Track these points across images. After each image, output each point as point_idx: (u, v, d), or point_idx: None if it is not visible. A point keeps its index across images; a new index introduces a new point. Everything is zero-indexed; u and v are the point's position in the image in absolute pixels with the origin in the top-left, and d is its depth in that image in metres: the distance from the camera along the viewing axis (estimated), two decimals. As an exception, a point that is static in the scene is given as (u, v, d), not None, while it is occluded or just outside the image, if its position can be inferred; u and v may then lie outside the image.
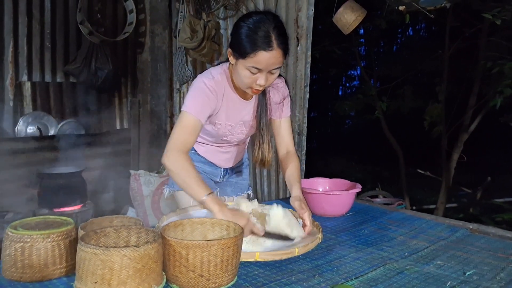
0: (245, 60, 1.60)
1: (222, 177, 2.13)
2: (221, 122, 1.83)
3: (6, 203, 3.56)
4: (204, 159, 2.06)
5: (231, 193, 2.18)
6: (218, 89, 1.74)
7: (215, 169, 2.09)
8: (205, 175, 2.08)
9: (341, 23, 2.46)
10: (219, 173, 2.11)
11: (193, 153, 2.06)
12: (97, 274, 1.07)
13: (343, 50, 6.31)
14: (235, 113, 1.84)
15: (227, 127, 1.86)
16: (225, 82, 1.78)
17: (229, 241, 1.21)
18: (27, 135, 3.89)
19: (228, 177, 2.17)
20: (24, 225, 1.36)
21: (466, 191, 5.82)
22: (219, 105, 1.77)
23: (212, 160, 2.06)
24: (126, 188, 4.07)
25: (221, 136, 1.90)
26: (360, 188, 2.06)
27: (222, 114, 1.81)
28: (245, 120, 1.89)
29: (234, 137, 1.93)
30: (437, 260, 1.48)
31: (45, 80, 4.08)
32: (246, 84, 1.66)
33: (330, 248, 1.59)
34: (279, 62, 1.61)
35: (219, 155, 2.05)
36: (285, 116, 1.96)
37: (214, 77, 1.75)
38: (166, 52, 4.41)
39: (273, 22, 1.59)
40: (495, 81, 4.40)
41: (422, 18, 6.64)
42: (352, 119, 10.89)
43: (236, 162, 2.14)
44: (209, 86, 1.71)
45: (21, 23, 3.88)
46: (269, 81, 1.66)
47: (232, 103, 1.81)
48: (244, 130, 1.92)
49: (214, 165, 2.07)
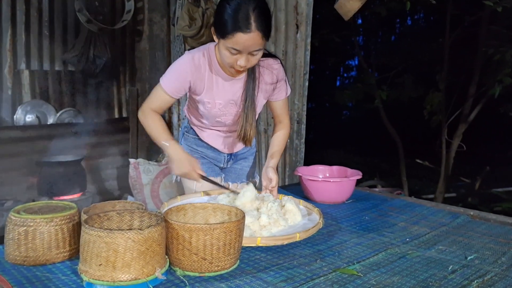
0: (225, 40, 1.61)
1: (226, 162, 2.13)
2: (209, 100, 1.84)
3: (5, 192, 3.57)
4: (206, 144, 2.06)
5: (235, 179, 2.18)
6: (201, 65, 1.76)
7: (218, 154, 2.09)
8: (208, 160, 2.08)
9: (344, 9, 2.44)
10: (222, 158, 2.11)
11: (195, 138, 2.06)
12: (102, 256, 1.08)
13: (342, 39, 6.28)
14: (223, 91, 1.84)
15: (217, 106, 1.86)
16: (211, 59, 1.78)
17: (231, 224, 1.21)
18: (26, 124, 3.88)
19: (232, 163, 2.16)
20: (27, 209, 1.36)
21: (464, 181, 5.83)
22: (203, 81, 1.79)
23: (214, 145, 2.06)
24: (125, 177, 4.06)
25: (214, 116, 1.90)
26: (360, 175, 2.07)
27: (209, 92, 1.81)
28: (236, 98, 1.87)
29: (227, 118, 1.92)
30: (439, 245, 1.49)
31: (43, 69, 4.06)
32: (228, 64, 1.69)
33: (332, 234, 1.59)
34: (258, 44, 1.60)
35: (221, 139, 2.05)
36: (280, 98, 1.98)
37: (198, 53, 1.78)
38: (164, 41, 4.38)
39: (254, 2, 1.57)
40: (495, 70, 4.39)
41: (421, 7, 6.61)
42: (350, 109, 10.88)
43: (240, 147, 2.13)
44: (189, 62, 1.76)
45: (19, 10, 3.85)
46: (251, 62, 1.67)
47: (220, 80, 1.81)
48: (236, 110, 1.90)
49: (216, 150, 2.07)
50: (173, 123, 4.46)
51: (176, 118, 4.41)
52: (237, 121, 1.94)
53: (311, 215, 1.70)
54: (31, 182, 3.72)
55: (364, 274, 1.25)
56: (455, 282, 1.20)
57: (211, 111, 1.87)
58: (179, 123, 4.39)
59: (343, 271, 1.26)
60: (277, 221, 1.53)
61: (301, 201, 1.81)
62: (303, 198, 1.95)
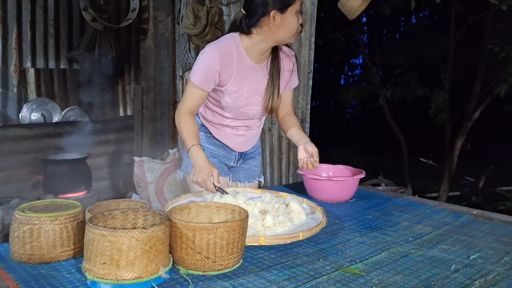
0: (294, 4, 1.75)
1: (236, 161, 2.14)
2: (236, 88, 1.87)
3: (11, 189, 3.59)
4: (219, 142, 2.07)
5: (243, 179, 2.19)
6: (228, 53, 1.82)
7: (229, 153, 2.10)
8: (219, 159, 2.10)
9: (347, 8, 2.44)
10: (233, 157, 2.12)
11: (208, 136, 2.07)
12: (106, 255, 1.09)
13: (347, 37, 6.28)
14: (249, 78, 1.89)
15: (244, 95, 1.89)
16: (236, 47, 1.84)
17: (234, 223, 1.22)
18: (31, 122, 3.90)
19: (241, 162, 2.18)
20: (32, 207, 1.37)
21: (468, 179, 5.82)
22: (231, 69, 1.83)
23: (227, 143, 2.07)
24: (130, 175, 4.08)
25: (239, 107, 1.92)
26: (364, 174, 2.07)
27: (237, 80, 1.85)
28: (260, 87, 1.92)
29: (251, 108, 1.95)
30: (442, 244, 1.49)
31: (49, 67, 4.08)
32: (294, 30, 1.79)
33: (334, 233, 1.60)
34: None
35: (234, 138, 2.07)
36: (293, 86, 2.07)
37: (222, 42, 1.84)
38: (169, 39, 4.39)
39: None
40: (500, 69, 4.38)
41: (425, 5, 6.58)
42: (354, 108, 10.86)
43: (250, 146, 2.15)
44: (215, 52, 1.80)
45: (25, 9, 3.87)
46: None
47: (245, 67, 1.87)
48: (260, 101, 1.95)
49: (228, 148, 2.09)
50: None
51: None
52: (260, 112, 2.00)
53: (314, 214, 1.70)
54: (37, 180, 3.74)
55: (366, 273, 1.25)
56: (457, 282, 1.21)
57: (236, 100, 1.90)
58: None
59: (346, 270, 1.27)
60: (283, 222, 1.53)
61: (305, 200, 1.82)
62: (307, 197, 1.96)
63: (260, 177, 2.27)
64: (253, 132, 2.12)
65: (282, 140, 3.50)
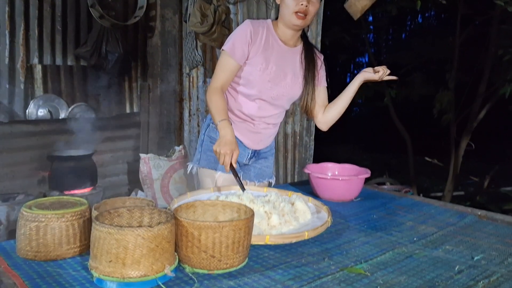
0: None
1: (249, 159, 2.14)
2: (263, 61, 1.94)
3: (17, 185, 3.62)
4: None
5: (253, 178, 2.19)
6: (259, 29, 1.94)
7: (243, 150, 2.09)
8: None
9: (354, 9, 2.44)
10: (246, 154, 2.12)
11: None
12: (112, 253, 1.10)
13: (353, 37, 6.27)
14: (276, 56, 1.97)
15: (270, 69, 1.95)
16: (267, 26, 1.98)
17: (240, 222, 1.23)
18: (38, 118, 3.92)
19: (253, 161, 2.18)
20: (38, 205, 1.38)
21: (473, 179, 5.80)
22: (260, 42, 1.93)
23: (242, 139, 2.08)
24: (135, 172, 4.10)
25: (264, 81, 1.96)
26: (369, 174, 2.07)
27: (264, 53, 1.94)
28: (287, 68, 1.99)
29: (277, 89, 1.99)
30: (446, 245, 1.50)
31: (56, 63, 4.09)
32: (292, 8, 1.86)
33: (339, 232, 1.60)
34: None
35: (250, 134, 2.08)
36: (322, 84, 2.13)
37: (257, 21, 1.98)
38: (176, 37, 4.40)
39: None
40: (506, 69, 4.36)
41: (431, 5, 6.55)
42: (360, 106, 10.84)
43: (264, 145, 2.16)
44: (248, 25, 1.92)
45: (32, 5, 3.88)
46: (311, 6, 1.86)
47: (274, 45, 1.97)
48: (289, 83, 2.01)
49: (243, 144, 2.09)
50: (184, 119, 4.48)
51: (187, 113, 4.44)
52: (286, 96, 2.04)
53: (319, 213, 1.70)
54: (43, 176, 3.77)
55: (371, 273, 1.26)
56: (461, 283, 1.21)
57: (263, 74, 1.94)
58: (189, 119, 4.41)
59: (351, 270, 1.27)
60: (289, 221, 1.54)
61: (310, 199, 1.82)
62: (312, 195, 1.96)
63: (271, 178, 2.27)
64: (269, 131, 2.13)
65: (287, 138, 3.51)
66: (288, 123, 3.49)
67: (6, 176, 3.58)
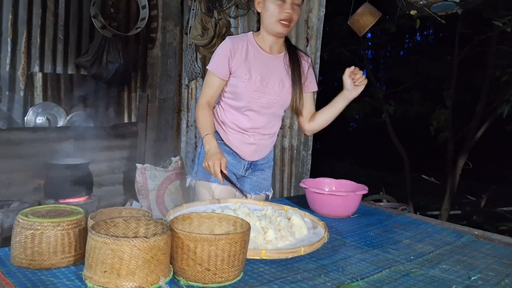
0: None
1: (245, 170, 2.15)
2: (246, 72, 1.97)
3: (12, 192, 3.59)
4: (229, 149, 2.09)
5: (250, 190, 2.20)
6: (239, 42, 1.99)
7: (238, 161, 2.11)
8: (228, 168, 2.10)
9: (358, 25, 2.47)
10: (242, 166, 2.13)
11: (220, 143, 2.08)
12: (107, 263, 1.09)
13: (351, 53, 6.32)
14: (260, 65, 2.00)
15: (254, 79, 1.97)
16: (248, 38, 2.03)
17: (236, 236, 1.22)
18: (36, 125, 3.92)
19: (250, 173, 2.18)
20: (34, 212, 1.37)
21: (470, 198, 5.80)
22: (241, 55, 1.97)
23: (238, 150, 2.09)
24: (131, 182, 4.09)
25: (251, 92, 1.98)
26: (366, 190, 2.06)
27: (246, 64, 1.97)
28: (273, 75, 2.02)
29: (263, 96, 2.01)
30: (443, 264, 1.49)
31: (56, 72, 4.11)
32: (276, 17, 1.90)
33: (336, 249, 1.59)
34: None
35: (244, 145, 2.09)
36: (312, 89, 2.17)
37: (236, 36, 2.07)
38: (176, 48, 4.43)
39: None
40: (503, 89, 4.39)
41: (430, 23, 6.63)
42: (357, 122, 10.87)
43: (260, 157, 2.16)
44: (227, 41, 1.99)
45: (35, 14, 3.91)
46: (295, 14, 1.91)
47: (256, 55, 2.01)
48: (276, 90, 2.03)
49: (238, 156, 2.10)
50: (181, 130, 4.49)
51: (185, 124, 4.44)
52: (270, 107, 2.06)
53: (316, 228, 1.70)
54: (38, 183, 3.74)
55: (366, 291, 1.25)
56: (457, 303, 1.20)
57: (248, 84, 1.97)
58: (187, 130, 4.42)
59: (347, 287, 1.26)
60: (285, 236, 1.53)
61: (307, 214, 1.81)
62: (309, 211, 1.95)
63: (269, 191, 2.27)
64: (264, 142, 2.14)
65: (284, 152, 3.51)
66: (285, 136, 3.50)
67: (2, 183, 3.55)
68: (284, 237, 1.52)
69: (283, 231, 1.55)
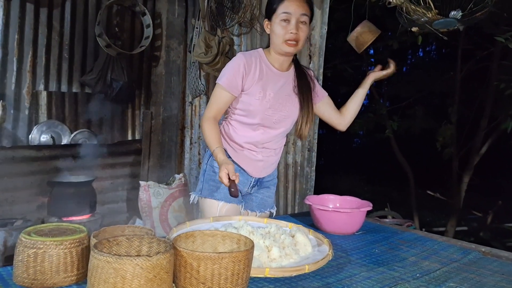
0: (276, 13, 1.93)
1: (251, 187, 2.14)
2: (261, 90, 1.97)
3: (16, 210, 3.59)
4: (237, 166, 2.08)
5: (255, 207, 2.19)
6: (252, 59, 1.99)
7: (246, 178, 2.10)
8: None
9: (357, 42, 2.48)
10: (249, 183, 2.12)
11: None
12: (109, 282, 1.07)
13: (354, 69, 6.35)
14: (272, 82, 2.02)
15: (268, 97, 1.99)
16: (260, 55, 2.03)
17: (240, 254, 1.21)
18: (41, 143, 3.93)
19: (256, 190, 2.18)
20: (37, 231, 1.37)
21: (476, 214, 5.75)
22: (255, 73, 1.97)
23: (245, 167, 2.08)
24: (135, 199, 4.08)
25: (264, 110, 1.99)
26: (371, 206, 2.05)
27: (260, 82, 1.99)
28: (284, 92, 2.04)
29: (276, 113, 2.02)
30: (450, 281, 1.47)
31: (61, 90, 4.14)
32: (282, 37, 1.93)
33: (341, 267, 1.57)
34: (305, 10, 1.93)
35: (253, 162, 2.09)
36: (325, 95, 2.24)
37: (248, 52, 2.05)
38: (180, 66, 4.46)
39: None
40: (507, 104, 4.39)
41: (432, 40, 6.67)
42: (361, 138, 10.87)
43: (267, 173, 2.16)
44: (241, 57, 1.98)
45: (41, 33, 3.96)
46: (300, 32, 1.93)
47: (268, 72, 2.02)
48: (288, 106, 2.05)
49: (246, 173, 2.10)
50: (185, 147, 4.49)
51: (189, 141, 4.45)
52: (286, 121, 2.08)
53: (320, 246, 1.68)
54: (42, 201, 3.74)
55: (372, 309, 1.23)
56: (466, 322, 1.18)
57: (262, 102, 1.98)
58: (190, 147, 4.42)
59: (352, 306, 1.25)
60: (289, 254, 1.52)
61: (311, 231, 1.80)
62: (313, 227, 1.94)
63: (272, 208, 2.26)
64: (272, 159, 2.14)
65: (288, 168, 3.50)
66: (289, 153, 3.49)
67: (6, 201, 3.55)
68: (288, 255, 1.51)
69: (287, 249, 1.53)
